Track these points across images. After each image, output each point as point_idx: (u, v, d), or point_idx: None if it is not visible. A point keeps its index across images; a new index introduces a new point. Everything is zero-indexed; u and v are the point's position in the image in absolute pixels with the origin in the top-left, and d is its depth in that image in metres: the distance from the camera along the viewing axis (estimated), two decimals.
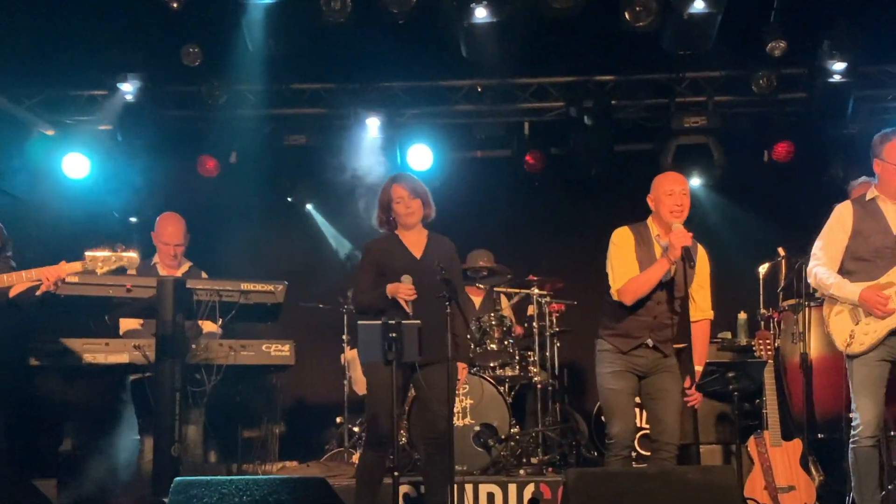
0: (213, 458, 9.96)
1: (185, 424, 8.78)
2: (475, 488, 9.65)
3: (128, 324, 9.85)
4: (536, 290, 11.25)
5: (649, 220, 8.00)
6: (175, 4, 10.80)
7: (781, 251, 10.34)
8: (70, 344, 8.99)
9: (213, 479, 6.34)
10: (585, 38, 11.74)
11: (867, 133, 8.21)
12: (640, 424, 10.02)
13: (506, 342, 10.89)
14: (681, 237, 7.63)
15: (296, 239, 13.44)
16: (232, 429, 9.93)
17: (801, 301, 9.71)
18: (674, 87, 12.79)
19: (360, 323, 7.65)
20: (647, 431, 8.51)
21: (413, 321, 7.57)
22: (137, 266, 8.96)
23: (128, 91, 12.08)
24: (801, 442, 9.29)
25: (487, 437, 10.17)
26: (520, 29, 11.11)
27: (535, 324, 11.19)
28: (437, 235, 8.32)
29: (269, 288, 9.12)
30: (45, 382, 9.21)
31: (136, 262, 7.94)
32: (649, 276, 7.75)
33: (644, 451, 10.27)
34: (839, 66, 11.53)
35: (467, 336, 8.44)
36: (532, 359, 11.04)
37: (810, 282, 8.11)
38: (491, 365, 10.77)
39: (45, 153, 12.56)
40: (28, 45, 11.49)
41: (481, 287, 11.70)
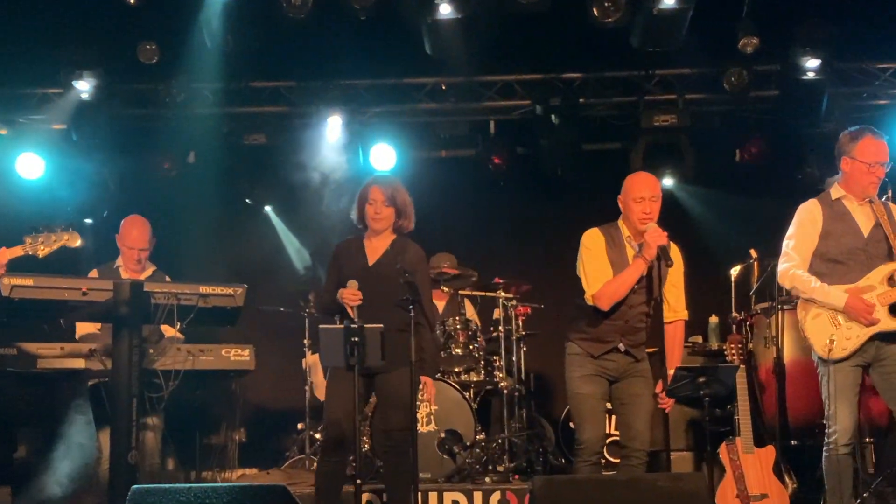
0: (172, 466, 9.85)
1: (143, 431, 8.69)
2: (440, 496, 9.57)
3: (84, 328, 9.63)
4: (502, 294, 11.14)
5: (620, 221, 7.92)
6: (132, 0, 10.71)
7: (754, 253, 10.31)
8: (25, 348, 8.77)
9: (172, 486, 6.39)
10: (553, 34, 11.69)
11: (842, 131, 8.09)
12: (609, 430, 9.87)
13: (471, 346, 10.80)
14: (656, 236, 7.56)
15: (256, 241, 13.33)
16: (190, 435, 9.83)
17: (773, 304, 9.64)
18: (643, 85, 12.75)
19: (321, 327, 7.60)
20: (617, 438, 8.37)
21: (375, 325, 7.47)
22: (99, 268, 9.08)
23: (83, 89, 11.97)
24: (773, 448, 9.15)
25: (452, 443, 10.09)
26: (485, 25, 11.04)
27: (501, 328, 11.07)
28: (404, 241, 8.21)
29: (228, 291, 8.98)
30: None
31: (77, 240, 7.86)
32: (625, 279, 7.67)
33: (613, 459, 10.24)
34: (813, 63, 11.49)
35: (434, 349, 8.29)
36: (498, 364, 10.95)
37: (783, 283, 8.02)
38: (456, 370, 10.67)
39: None
40: None
41: (445, 290, 11.59)
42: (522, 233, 13.47)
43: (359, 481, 7.55)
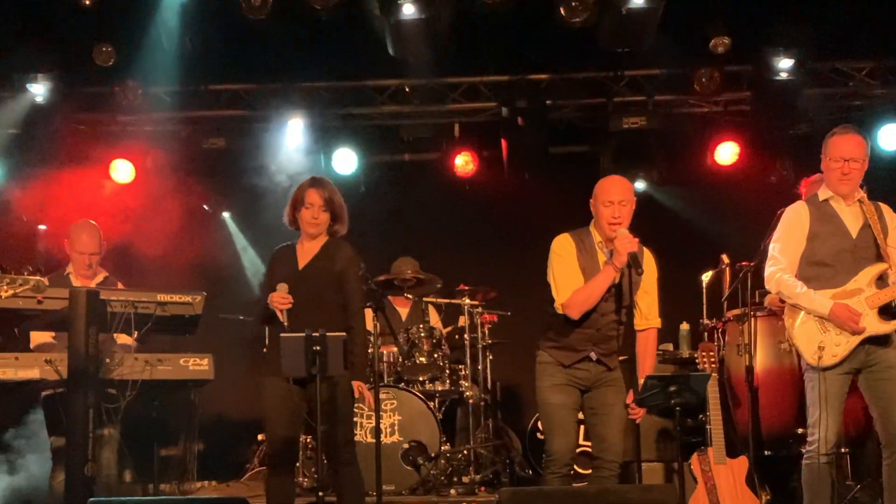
0: (129, 478, 9.77)
1: (100, 442, 8.51)
2: None
3: (39, 337, 9.57)
4: (468, 301, 11.04)
5: (591, 225, 7.80)
6: (87, 1, 10.79)
7: (725, 258, 10.25)
8: None
9: (129, 499, 6.44)
10: (519, 34, 11.78)
11: (817, 133, 8.00)
12: (579, 441, 9.74)
13: (435, 355, 10.72)
14: (626, 243, 7.44)
15: (215, 248, 13.37)
16: (148, 447, 9.71)
17: (746, 311, 9.56)
18: (612, 86, 12.79)
19: (282, 336, 7.45)
20: (588, 448, 8.25)
21: (338, 334, 7.35)
22: (49, 276, 8.71)
23: (37, 92, 12.00)
24: (746, 459, 9.11)
25: (416, 454, 10.00)
26: (449, 25, 11.12)
27: (466, 336, 10.99)
28: (335, 242, 8.07)
29: (186, 299, 8.88)
30: None
31: (45, 286, 7.71)
32: (595, 287, 7.54)
33: (583, 470, 10.15)
34: (786, 63, 11.59)
35: (363, 352, 8.11)
36: (463, 372, 10.87)
37: (769, 286, 7.91)
38: (420, 379, 10.62)
39: None
40: None
41: (409, 297, 11.53)
42: (488, 238, 13.45)
43: (321, 493, 7.60)
